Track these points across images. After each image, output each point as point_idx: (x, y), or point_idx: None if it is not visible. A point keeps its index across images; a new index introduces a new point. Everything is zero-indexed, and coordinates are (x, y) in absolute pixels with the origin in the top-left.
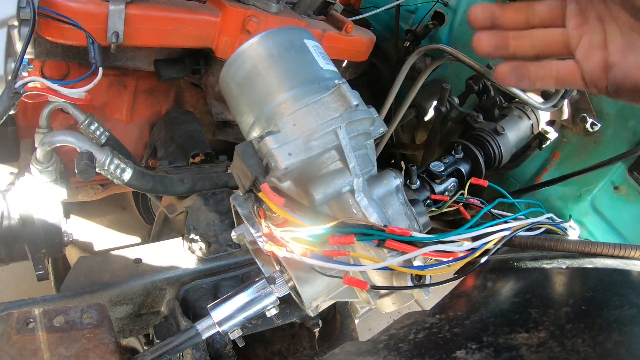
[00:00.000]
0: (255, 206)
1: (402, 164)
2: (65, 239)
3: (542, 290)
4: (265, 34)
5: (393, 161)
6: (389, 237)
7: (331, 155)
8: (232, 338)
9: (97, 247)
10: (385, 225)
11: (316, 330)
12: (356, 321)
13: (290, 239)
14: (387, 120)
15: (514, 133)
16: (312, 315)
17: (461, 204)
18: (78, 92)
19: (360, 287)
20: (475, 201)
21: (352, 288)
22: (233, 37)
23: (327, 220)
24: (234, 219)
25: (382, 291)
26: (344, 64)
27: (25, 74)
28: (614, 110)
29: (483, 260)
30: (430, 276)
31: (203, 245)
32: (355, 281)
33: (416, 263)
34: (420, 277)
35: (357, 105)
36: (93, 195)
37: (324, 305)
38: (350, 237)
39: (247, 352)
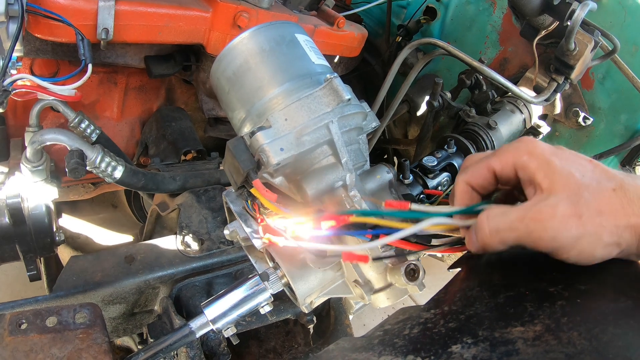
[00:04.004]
0: (249, 201)
1: (395, 159)
2: (57, 238)
3: (537, 284)
4: (256, 28)
5: (385, 156)
6: (386, 214)
7: (323, 150)
8: (226, 336)
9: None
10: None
11: (310, 326)
12: (350, 317)
13: (286, 227)
14: (379, 115)
15: (506, 127)
16: (307, 312)
17: None
18: (67, 90)
19: (361, 261)
20: None
21: (346, 284)
22: (224, 32)
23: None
24: (227, 215)
25: (376, 286)
26: (335, 60)
27: (14, 71)
28: (606, 104)
29: None
30: (423, 271)
31: (196, 243)
32: (355, 256)
33: (411, 257)
34: (414, 272)
35: (349, 99)
36: (84, 194)
37: (318, 302)
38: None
39: (242, 350)
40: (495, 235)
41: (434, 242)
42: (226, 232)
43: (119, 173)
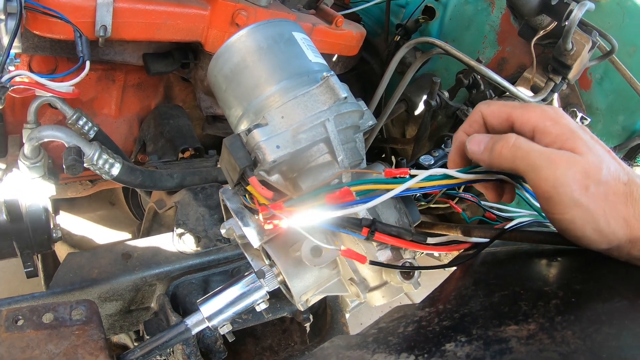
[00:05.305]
0: (247, 195)
1: (393, 158)
2: (54, 235)
3: (532, 283)
4: (253, 26)
5: (383, 156)
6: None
7: (319, 148)
8: (222, 333)
9: (90, 242)
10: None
11: (307, 324)
12: (347, 315)
13: (286, 205)
14: (377, 114)
15: None
16: (302, 310)
17: (456, 200)
18: (65, 86)
19: (359, 261)
20: (467, 195)
21: (342, 282)
22: (222, 30)
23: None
24: (223, 213)
25: (372, 284)
26: (334, 59)
27: (12, 68)
28: (604, 104)
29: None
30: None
31: (192, 240)
32: (354, 254)
33: (406, 255)
34: (409, 272)
35: (345, 97)
36: (82, 191)
37: (314, 299)
38: (346, 190)
39: (238, 348)
40: (514, 150)
41: (430, 240)
42: (222, 229)
43: (116, 170)
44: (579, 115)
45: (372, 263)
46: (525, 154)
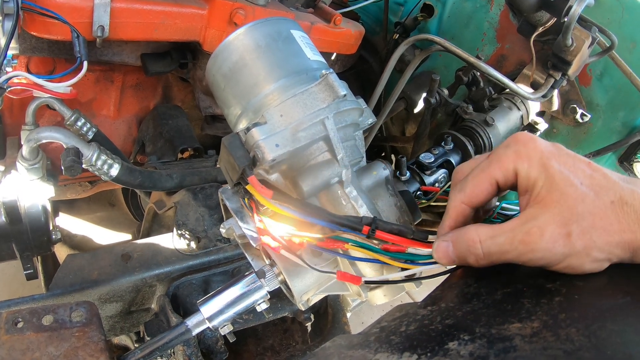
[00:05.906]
0: (246, 198)
1: (392, 156)
2: (54, 236)
3: (535, 280)
4: (252, 24)
5: (383, 154)
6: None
7: (319, 146)
8: (222, 333)
9: (90, 244)
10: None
11: (308, 324)
12: (348, 315)
13: (283, 237)
14: (377, 112)
15: (504, 124)
16: (303, 309)
17: None
18: (63, 87)
19: (353, 282)
20: None
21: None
22: (220, 30)
23: (316, 212)
24: (223, 213)
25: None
26: (332, 57)
27: (9, 69)
28: (604, 101)
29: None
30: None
31: (193, 241)
32: (348, 276)
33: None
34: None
35: (344, 95)
36: (81, 193)
37: (315, 299)
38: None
39: (239, 348)
40: (488, 258)
41: (431, 238)
42: (222, 229)
43: (115, 171)
44: (579, 111)
45: (367, 283)
46: (498, 256)
